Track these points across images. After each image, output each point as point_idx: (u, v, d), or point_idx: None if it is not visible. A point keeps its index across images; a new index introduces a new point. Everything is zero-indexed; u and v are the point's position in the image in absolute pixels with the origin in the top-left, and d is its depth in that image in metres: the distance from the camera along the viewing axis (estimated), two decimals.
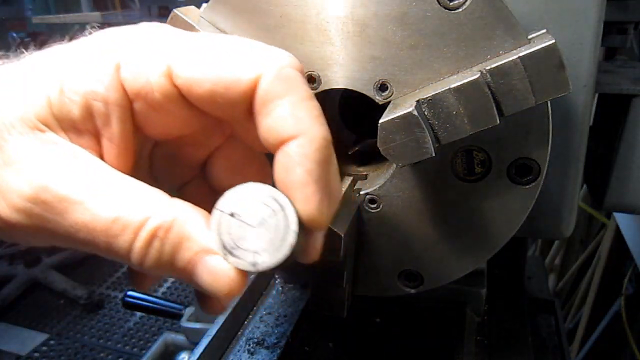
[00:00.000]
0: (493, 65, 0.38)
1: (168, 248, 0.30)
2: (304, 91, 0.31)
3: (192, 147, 0.40)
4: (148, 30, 0.34)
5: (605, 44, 0.66)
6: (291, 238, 0.26)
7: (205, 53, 0.32)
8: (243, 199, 0.27)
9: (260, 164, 0.42)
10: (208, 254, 0.30)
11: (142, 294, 1.81)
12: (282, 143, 0.31)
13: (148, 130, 0.35)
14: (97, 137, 0.33)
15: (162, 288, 3.04)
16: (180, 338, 1.93)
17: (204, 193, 0.42)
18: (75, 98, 0.31)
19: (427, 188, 0.48)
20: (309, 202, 0.30)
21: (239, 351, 0.64)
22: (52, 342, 2.70)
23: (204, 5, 0.48)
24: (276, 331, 0.67)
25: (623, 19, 0.65)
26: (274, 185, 0.29)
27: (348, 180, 0.53)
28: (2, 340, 2.71)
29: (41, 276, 2.98)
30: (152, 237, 0.30)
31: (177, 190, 0.42)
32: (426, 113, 0.39)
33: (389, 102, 0.44)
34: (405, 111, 0.38)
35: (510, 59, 0.37)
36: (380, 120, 0.39)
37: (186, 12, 0.46)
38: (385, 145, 0.39)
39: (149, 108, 0.33)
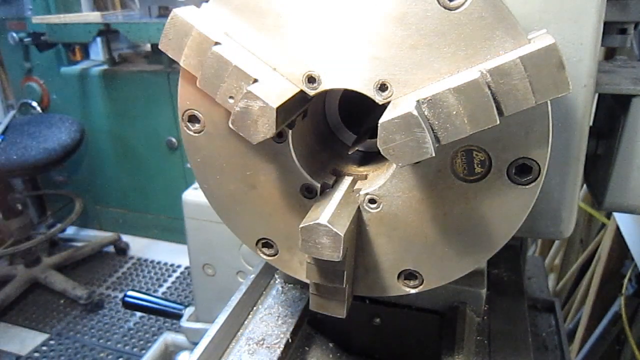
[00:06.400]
0: (493, 65, 0.38)
1: None
2: None
3: None
4: None
5: (605, 44, 0.66)
6: None
7: None
8: None
9: None
10: None
11: (142, 294, 1.81)
12: None
13: None
14: None
15: (162, 288, 3.04)
16: (180, 338, 1.93)
17: None
18: None
19: (427, 188, 0.48)
20: None
21: (239, 351, 0.64)
22: (52, 342, 2.70)
23: (204, 5, 0.48)
24: (276, 331, 0.66)
25: (623, 19, 0.65)
26: None
27: (348, 180, 0.53)
28: (2, 340, 2.71)
29: (41, 276, 2.98)
30: None
31: None
32: (426, 113, 0.39)
33: (389, 102, 0.44)
34: (405, 111, 0.38)
35: (510, 59, 0.37)
36: (380, 120, 0.39)
37: (186, 12, 0.46)
38: (385, 145, 0.39)
39: None
